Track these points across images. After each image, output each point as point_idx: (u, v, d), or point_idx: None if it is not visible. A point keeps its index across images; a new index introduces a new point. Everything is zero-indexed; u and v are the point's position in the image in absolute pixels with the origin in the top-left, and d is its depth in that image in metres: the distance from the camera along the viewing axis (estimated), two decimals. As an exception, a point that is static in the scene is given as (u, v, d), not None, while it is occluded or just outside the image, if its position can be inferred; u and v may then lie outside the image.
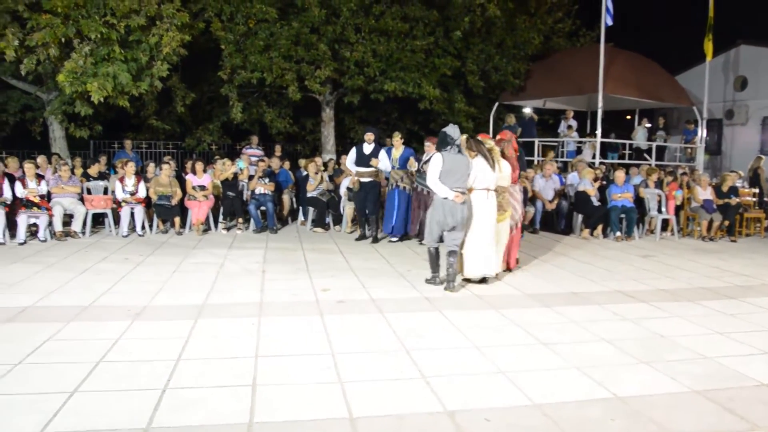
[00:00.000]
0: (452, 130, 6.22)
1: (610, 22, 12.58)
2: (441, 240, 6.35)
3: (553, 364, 4.23)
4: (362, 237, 9.61)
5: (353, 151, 9.51)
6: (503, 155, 6.93)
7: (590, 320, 5.32)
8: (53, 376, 3.76)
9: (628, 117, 19.77)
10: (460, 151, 6.18)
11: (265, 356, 4.21)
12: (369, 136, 9.37)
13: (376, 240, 9.39)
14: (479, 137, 6.74)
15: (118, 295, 5.86)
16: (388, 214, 9.47)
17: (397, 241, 9.38)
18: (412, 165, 9.18)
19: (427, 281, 6.56)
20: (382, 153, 9.31)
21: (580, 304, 5.88)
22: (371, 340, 4.63)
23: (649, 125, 15.47)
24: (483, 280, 6.57)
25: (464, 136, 6.47)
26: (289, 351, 4.35)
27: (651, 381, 3.97)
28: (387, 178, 9.74)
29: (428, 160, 7.38)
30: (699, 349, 4.59)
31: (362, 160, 9.31)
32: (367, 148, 9.33)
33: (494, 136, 7.90)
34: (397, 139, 9.48)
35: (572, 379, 3.97)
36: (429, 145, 9.21)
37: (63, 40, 9.85)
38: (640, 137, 15.05)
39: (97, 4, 9.91)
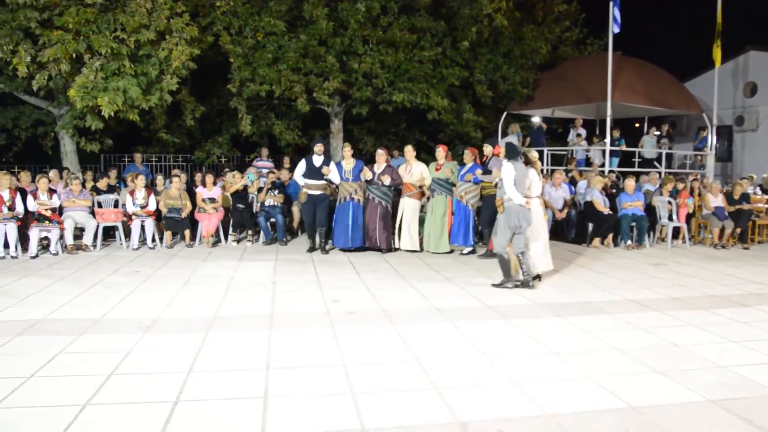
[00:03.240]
0: (516, 141, 6.69)
1: (617, 30, 12.57)
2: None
3: (565, 374, 4.20)
4: (312, 249, 9.39)
5: (303, 164, 9.37)
6: None
7: (603, 330, 5.28)
8: (65, 390, 3.77)
9: (637, 125, 19.69)
10: (524, 162, 6.88)
11: (276, 368, 4.21)
12: (319, 147, 9.25)
13: (325, 251, 9.26)
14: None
15: (129, 307, 5.88)
16: (341, 226, 9.24)
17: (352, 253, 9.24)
18: (366, 174, 9.12)
19: (497, 285, 6.94)
20: (333, 164, 9.24)
21: (593, 314, 5.84)
22: (382, 351, 4.61)
23: (657, 133, 15.40)
24: (537, 277, 7.21)
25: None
26: (301, 363, 4.34)
27: (665, 391, 3.93)
28: (337, 188, 9.56)
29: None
30: (713, 358, 4.54)
31: (313, 173, 9.19)
32: (317, 160, 9.19)
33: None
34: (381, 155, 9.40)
35: (585, 389, 3.93)
36: (440, 152, 9.40)
37: (74, 55, 9.94)
38: (647, 146, 14.96)
39: (107, 19, 10.02)
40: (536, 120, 15.62)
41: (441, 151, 9.48)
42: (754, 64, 16.98)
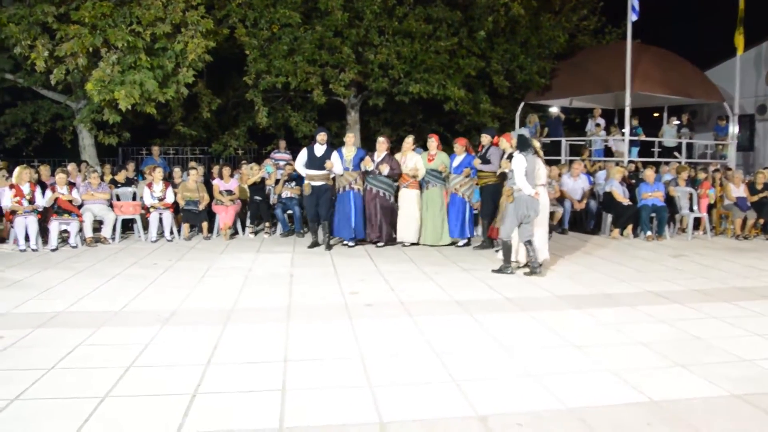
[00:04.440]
0: (529, 133, 7.20)
1: (635, 18, 12.38)
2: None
3: (586, 367, 4.14)
4: (315, 244, 9.07)
5: (303, 153, 9.02)
6: None
7: (623, 322, 5.21)
8: (85, 381, 3.79)
9: (656, 114, 19.42)
10: (533, 153, 7.04)
11: (294, 360, 4.20)
12: (321, 136, 8.88)
13: (329, 247, 8.87)
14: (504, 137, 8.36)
15: (147, 300, 5.91)
16: (344, 217, 9.00)
17: (354, 246, 9.04)
18: (368, 164, 8.88)
19: (496, 271, 7.20)
20: (335, 155, 8.84)
21: (612, 306, 5.77)
22: (401, 344, 4.59)
23: (677, 122, 15.17)
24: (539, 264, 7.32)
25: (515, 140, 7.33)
26: (319, 355, 4.32)
27: (688, 384, 3.86)
28: (334, 179, 9.20)
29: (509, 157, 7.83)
30: (737, 352, 4.46)
31: (314, 163, 8.82)
32: (319, 150, 8.83)
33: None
34: (382, 142, 9.10)
35: (606, 382, 3.88)
36: (458, 147, 9.20)
37: (91, 49, 10.00)
38: (667, 135, 14.76)
39: (123, 13, 10.05)
40: (554, 110, 15.47)
41: (433, 142, 9.22)
42: (777, 52, 16.66)
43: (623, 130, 13.42)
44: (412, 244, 9.18)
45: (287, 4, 12.16)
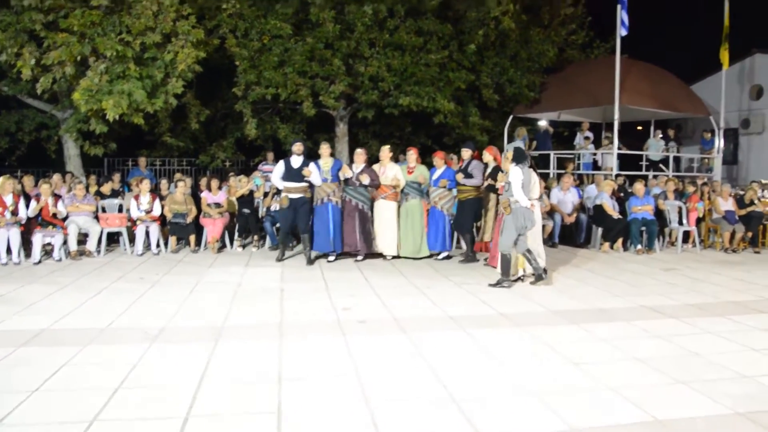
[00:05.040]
0: (523, 145, 7.38)
1: (624, 33, 12.47)
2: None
3: (585, 385, 4.07)
4: (282, 258, 8.87)
5: (281, 165, 8.80)
6: None
7: (620, 338, 5.16)
8: (71, 404, 3.65)
9: (639, 128, 19.58)
10: (529, 166, 7.21)
11: (288, 380, 4.09)
12: (298, 147, 8.67)
13: (311, 261, 8.66)
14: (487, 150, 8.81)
15: (135, 316, 5.76)
16: (323, 230, 8.77)
17: (335, 260, 8.88)
18: (346, 171, 8.76)
19: (493, 285, 7.17)
20: (312, 165, 8.64)
21: (608, 321, 5.72)
22: (397, 362, 4.49)
23: (662, 137, 15.27)
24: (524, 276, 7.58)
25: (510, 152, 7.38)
26: (313, 374, 4.22)
27: (690, 402, 3.81)
28: (312, 192, 8.93)
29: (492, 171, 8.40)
30: (736, 368, 4.42)
31: (291, 175, 8.62)
32: (296, 161, 8.64)
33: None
34: (359, 155, 8.99)
35: (607, 401, 3.81)
36: (437, 160, 9.20)
37: (79, 58, 9.86)
38: (652, 149, 14.83)
39: (112, 22, 9.93)
40: (543, 123, 15.50)
41: (412, 154, 9.21)
42: (760, 67, 16.90)
43: (612, 144, 13.44)
44: (394, 257, 9.10)
45: (278, 15, 12.11)
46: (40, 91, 10.30)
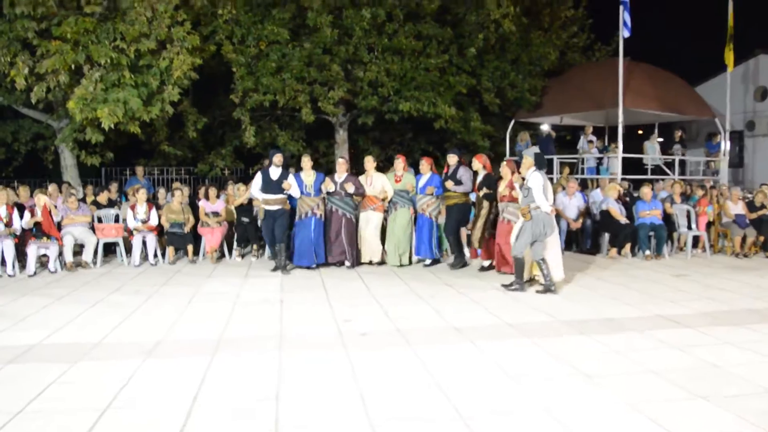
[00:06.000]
0: (532, 152, 7.55)
1: (627, 34, 12.30)
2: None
3: (600, 400, 3.86)
4: (277, 268, 8.64)
5: (258, 177, 8.63)
6: None
7: (633, 349, 4.94)
8: (55, 428, 3.44)
9: (640, 132, 19.39)
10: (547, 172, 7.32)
11: (287, 397, 3.88)
12: (278, 158, 8.50)
13: (285, 269, 8.48)
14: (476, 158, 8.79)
15: (130, 329, 5.56)
16: (306, 243, 8.60)
17: (317, 267, 8.71)
18: (328, 185, 8.66)
19: (508, 288, 7.23)
20: (291, 177, 8.54)
21: (620, 331, 5.49)
22: (400, 377, 4.28)
23: (660, 140, 15.06)
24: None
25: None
26: (313, 390, 4.01)
27: (712, 418, 3.59)
28: (293, 207, 8.81)
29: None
30: (758, 381, 4.19)
31: (270, 186, 8.45)
32: (275, 173, 8.47)
33: (512, 154, 8.18)
34: (342, 164, 9.04)
35: (624, 416, 3.60)
36: (425, 166, 9.11)
37: (73, 66, 9.68)
38: (649, 152, 14.61)
39: (106, 29, 9.76)
40: (545, 128, 15.29)
41: (400, 162, 9.11)
42: (765, 68, 16.70)
43: (617, 147, 13.24)
44: (379, 263, 9.00)
45: (275, 20, 11.92)
46: (34, 100, 10.13)
